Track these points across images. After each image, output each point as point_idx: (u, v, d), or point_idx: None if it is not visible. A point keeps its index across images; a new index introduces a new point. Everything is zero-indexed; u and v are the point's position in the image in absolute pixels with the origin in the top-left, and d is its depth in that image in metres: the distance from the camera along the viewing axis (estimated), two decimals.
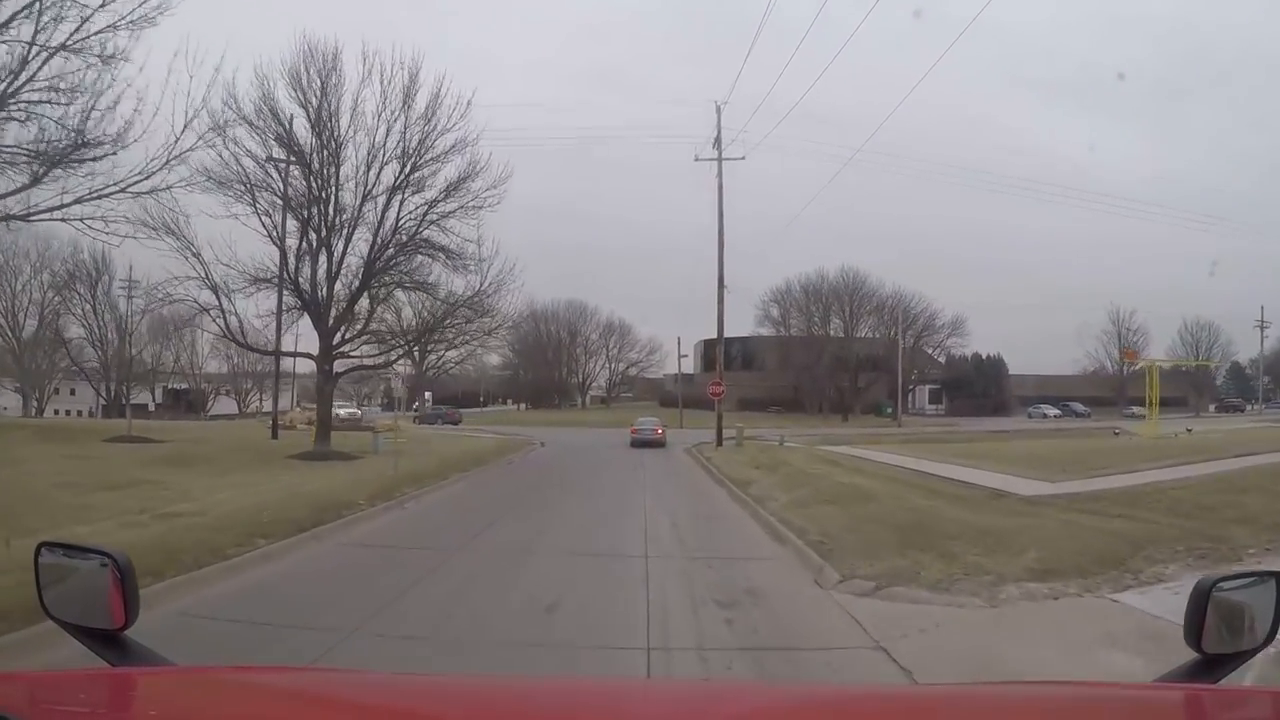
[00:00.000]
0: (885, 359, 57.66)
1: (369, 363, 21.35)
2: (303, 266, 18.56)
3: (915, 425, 47.03)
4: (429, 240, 18.95)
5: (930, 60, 71.32)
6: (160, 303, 19.75)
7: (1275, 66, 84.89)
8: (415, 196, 18.65)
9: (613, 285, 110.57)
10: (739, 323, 55.56)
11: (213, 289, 17.76)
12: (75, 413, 51.75)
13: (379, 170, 18.37)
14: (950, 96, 79.15)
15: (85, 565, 1.47)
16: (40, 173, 13.05)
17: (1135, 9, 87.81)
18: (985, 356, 64.42)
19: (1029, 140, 76.68)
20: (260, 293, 19.05)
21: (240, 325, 18.90)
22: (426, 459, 17.42)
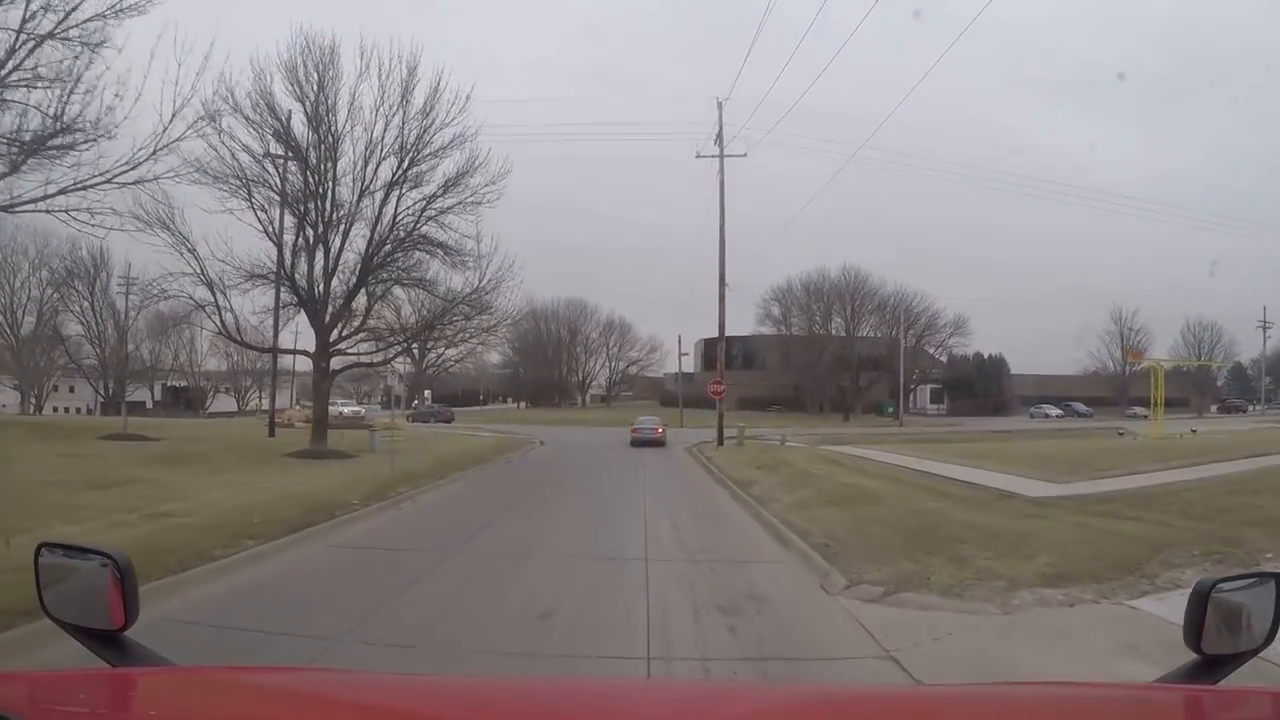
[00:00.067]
0: (887, 358, 57.49)
1: (366, 360, 21.09)
2: (299, 262, 18.34)
3: (917, 425, 46.82)
4: (427, 236, 18.71)
5: (931, 60, 71.53)
6: (155, 299, 19.52)
7: (1275, 66, 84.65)
8: (413, 192, 18.43)
9: (613, 284, 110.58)
10: (740, 322, 55.24)
11: (208, 285, 17.55)
12: (74, 410, 51.56)
13: (376, 166, 18.13)
14: (951, 96, 79.02)
15: (85, 565, 1.47)
16: (19, 160, 12.74)
17: (1135, 9, 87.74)
18: (987, 356, 64.28)
19: (1030, 140, 76.65)
20: (256, 289, 18.84)
21: (236, 322, 18.70)
22: (424, 458, 17.23)
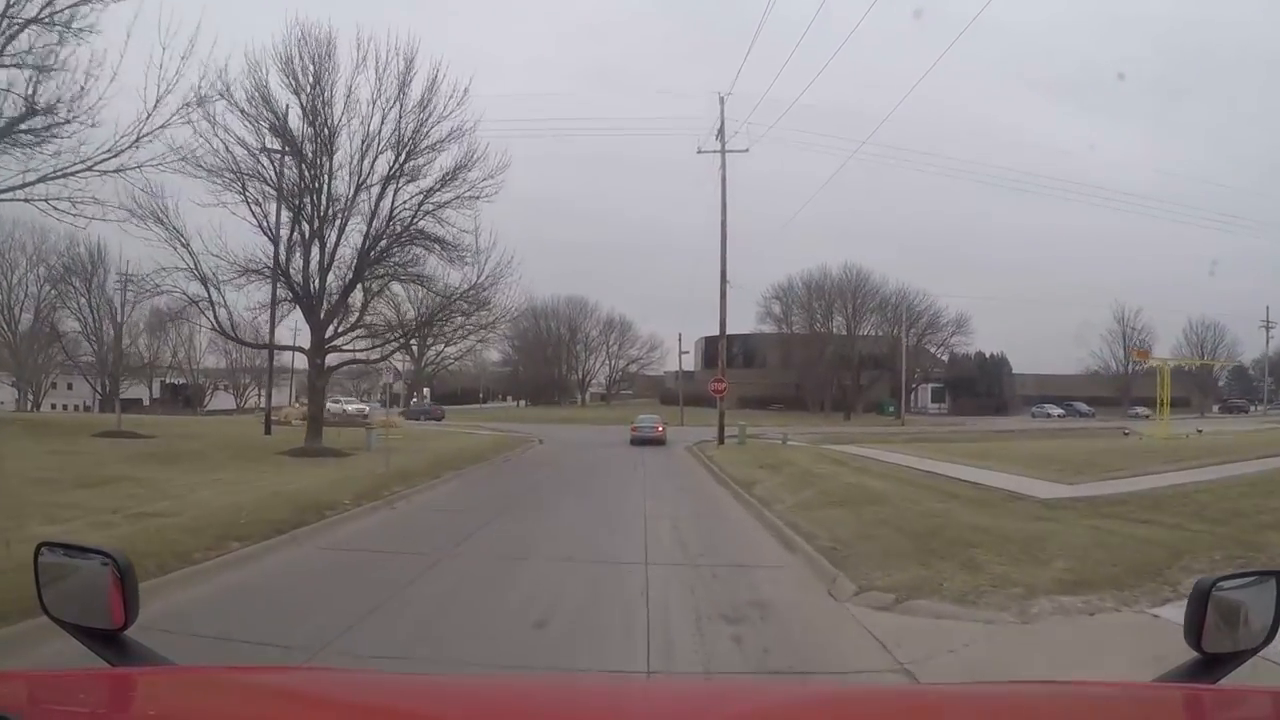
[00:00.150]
0: (888, 357, 57.23)
1: (363, 357, 20.80)
2: (294, 258, 18.04)
3: (918, 424, 46.54)
4: (424, 231, 18.39)
5: (932, 59, 71.13)
6: (148, 294, 19.21)
7: (1277, 64, 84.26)
8: (410, 186, 18.12)
9: (613, 282, 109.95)
10: (740, 321, 54.67)
11: (201, 280, 17.25)
12: (72, 407, 51.30)
13: (373, 159, 17.84)
14: (952, 95, 78.41)
15: (85, 565, 1.45)
16: None
17: (1136, 8, 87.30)
18: (989, 355, 63.99)
19: (1031, 138, 76.22)
20: (251, 284, 18.52)
21: (230, 318, 18.43)
22: (420, 456, 16.96)
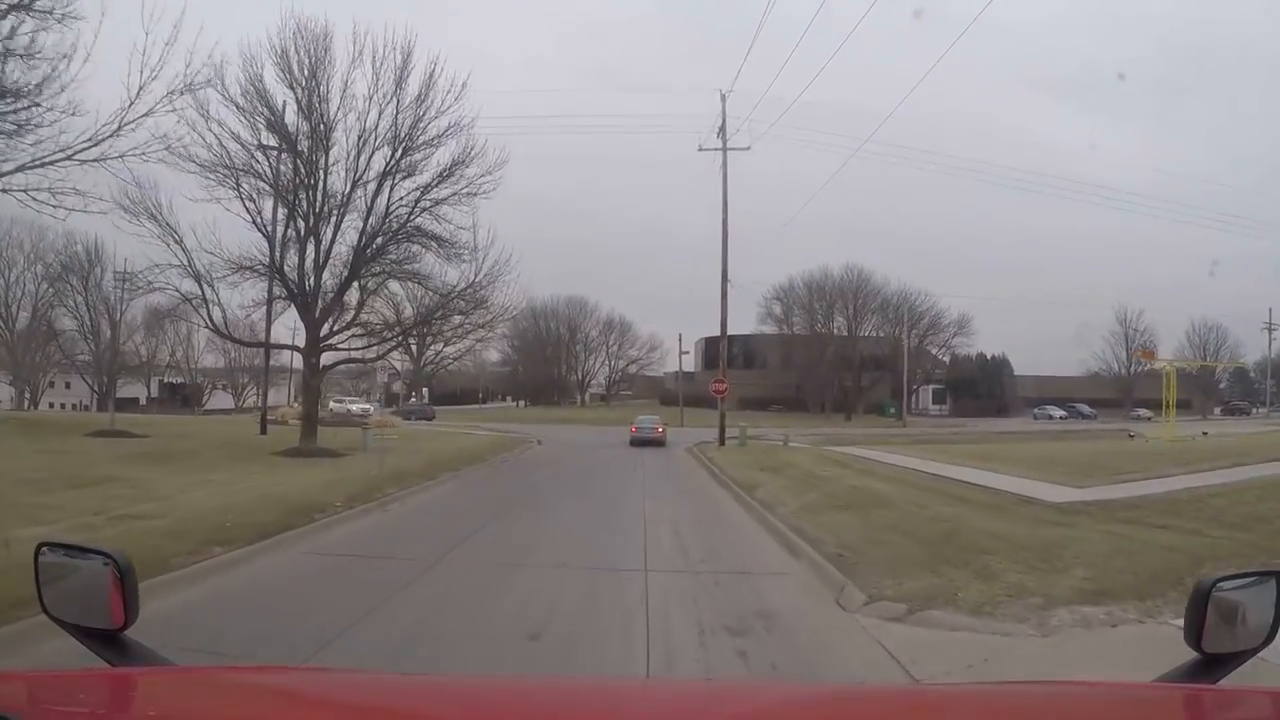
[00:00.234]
0: (889, 358, 56.97)
1: (358, 356, 20.52)
2: (289, 254, 17.77)
3: (920, 425, 46.25)
4: (421, 228, 18.10)
5: (933, 59, 70.90)
6: (141, 291, 18.91)
7: (1277, 64, 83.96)
8: (407, 181, 17.84)
9: (613, 282, 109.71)
10: (741, 321, 54.42)
11: (195, 277, 16.99)
12: (70, 406, 51.02)
13: (370, 155, 17.56)
14: (953, 95, 78.27)
15: (85, 565, 1.45)
16: None
17: (1137, 8, 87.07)
18: (990, 356, 63.71)
19: (1032, 139, 75.94)
20: (246, 282, 18.24)
21: (224, 316, 18.15)
22: (416, 457, 16.69)
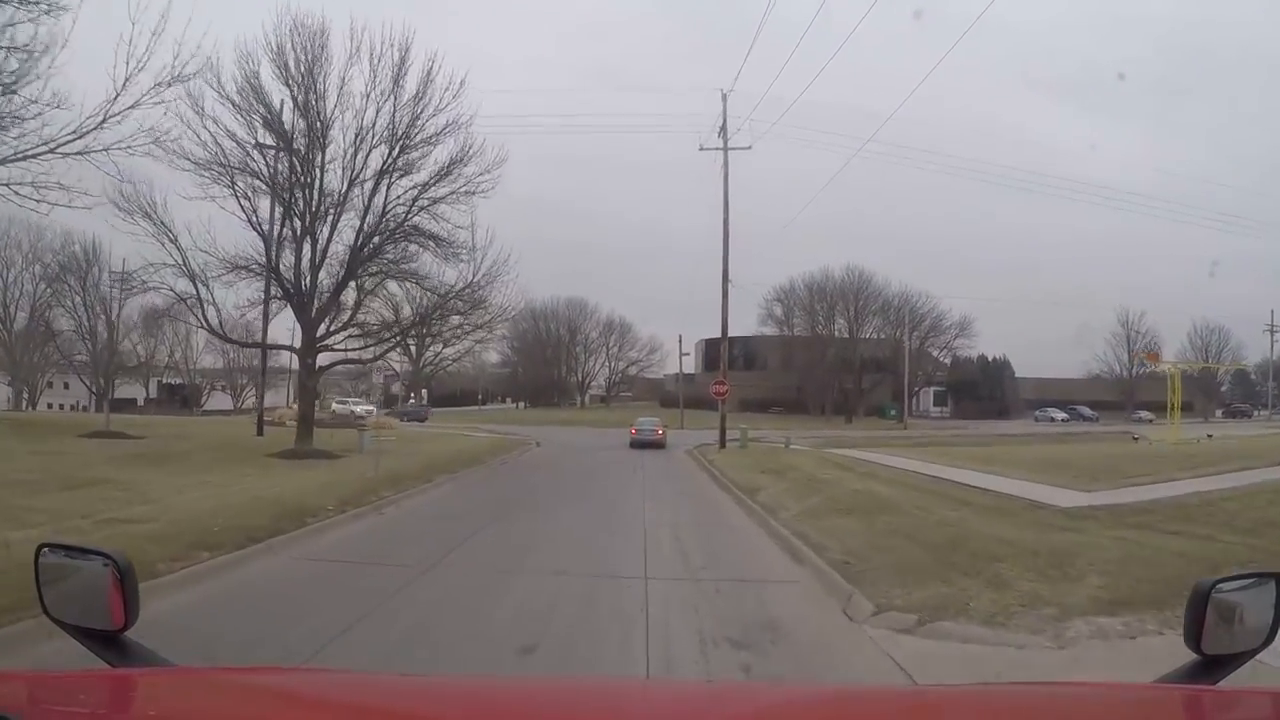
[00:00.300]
0: (889, 360, 56.77)
1: (355, 357, 20.31)
2: (285, 254, 17.56)
3: (921, 427, 46.01)
4: (418, 227, 17.88)
5: (934, 59, 70.74)
6: (134, 290, 18.70)
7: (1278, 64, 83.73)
8: (404, 180, 17.63)
9: (613, 283, 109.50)
10: (741, 323, 54.09)
11: (190, 277, 16.78)
12: (68, 406, 50.80)
13: (367, 153, 17.34)
14: (954, 96, 78.01)
15: (85, 566, 1.45)
16: None
17: (1137, 8, 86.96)
18: (991, 358, 63.50)
19: (1033, 140, 75.49)
20: (242, 281, 18.03)
21: (219, 316, 17.94)
22: (412, 459, 16.47)
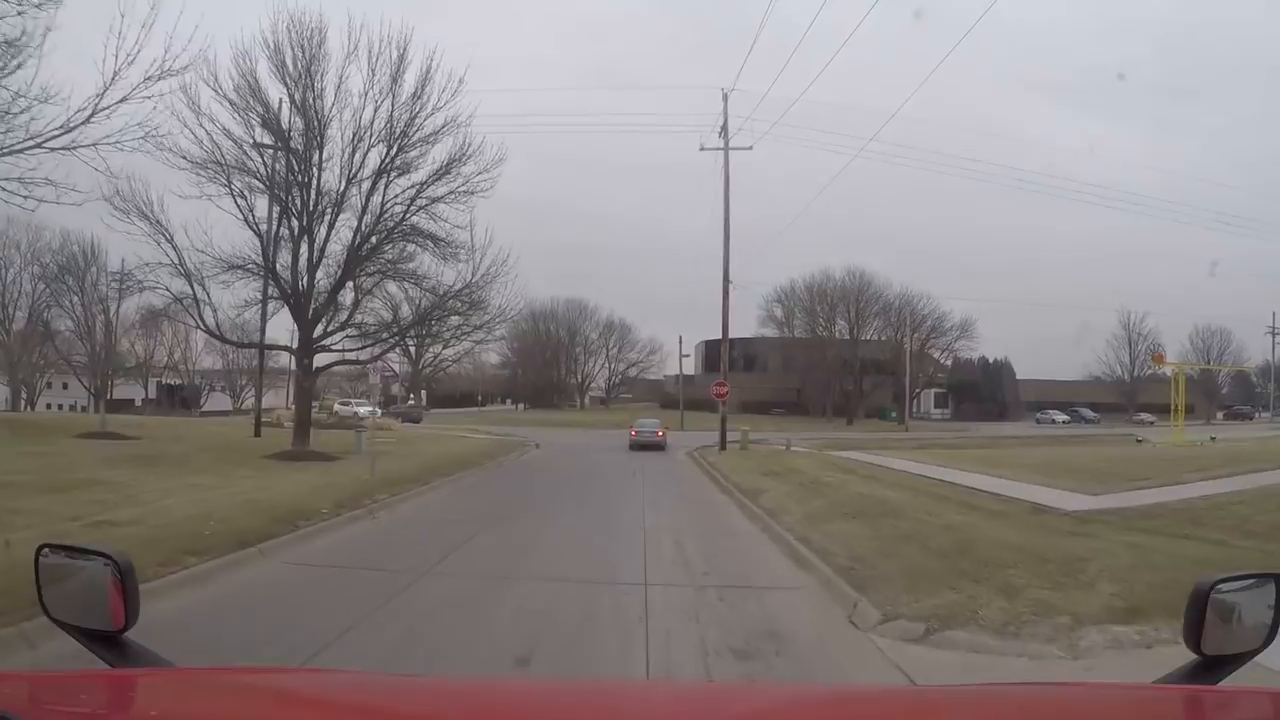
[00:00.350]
0: (890, 362, 56.55)
1: (352, 357, 20.10)
2: (281, 253, 17.36)
3: (922, 429, 45.79)
4: (417, 227, 17.68)
5: (935, 60, 70.40)
6: (131, 290, 18.52)
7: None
8: (402, 180, 17.42)
9: (613, 285, 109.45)
10: (741, 325, 53.72)
11: (186, 277, 16.58)
12: (67, 407, 50.62)
13: (365, 153, 17.13)
14: (956, 98, 77.60)
15: (86, 566, 1.45)
16: None
17: (1138, 10, 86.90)
18: (991, 360, 63.35)
19: (1034, 140, 75.47)
20: (239, 281, 17.82)
21: (215, 316, 17.75)
22: (409, 461, 16.29)
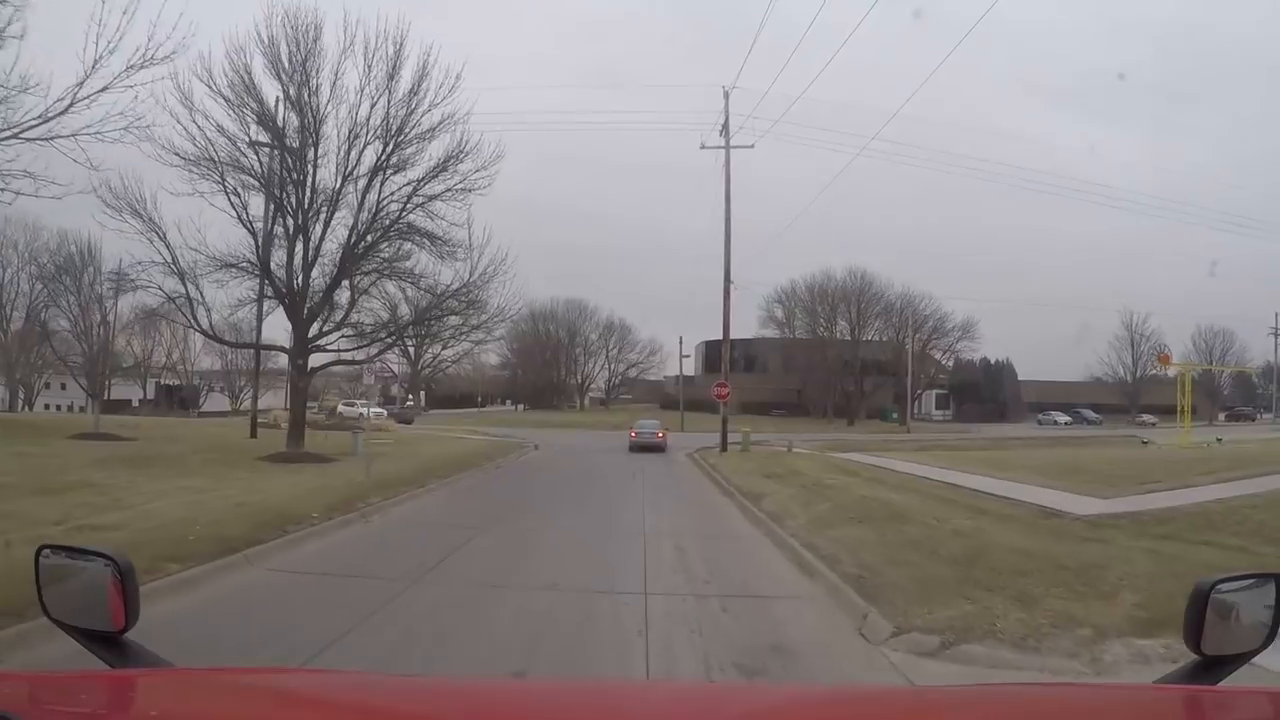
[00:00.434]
0: (891, 363, 56.30)
1: (348, 357, 19.86)
2: (276, 252, 17.11)
3: (924, 431, 45.52)
4: (413, 225, 17.46)
5: (936, 60, 70.19)
6: (124, 289, 18.31)
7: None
8: (398, 177, 17.18)
9: (612, 285, 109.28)
10: (741, 326, 53.32)
11: (179, 276, 16.36)
12: (65, 408, 50.34)
13: (361, 150, 16.90)
14: (957, 98, 77.51)
15: (86, 567, 1.45)
16: None
17: (1139, 11, 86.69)
18: (993, 361, 63.09)
19: (1035, 140, 75.24)
20: (233, 281, 17.59)
21: (209, 316, 17.52)
22: (406, 463, 16.05)
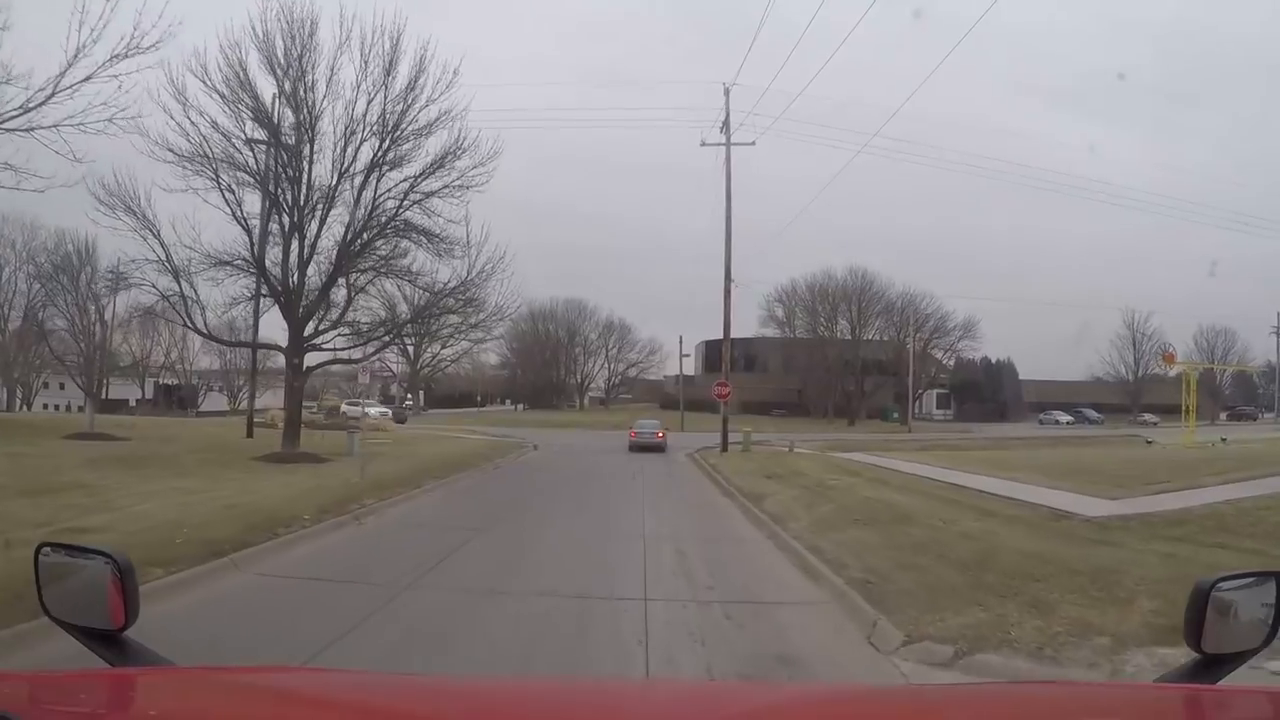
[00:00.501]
0: (892, 363, 56.08)
1: (344, 356, 19.65)
2: (270, 249, 16.91)
3: (925, 430, 45.27)
4: (410, 222, 17.24)
5: (936, 60, 69.91)
6: (118, 287, 18.10)
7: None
8: (395, 173, 16.95)
9: (612, 285, 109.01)
10: (741, 326, 52.87)
11: (174, 274, 16.13)
12: (64, 407, 50.12)
13: (357, 146, 16.67)
14: (957, 99, 77.14)
15: (86, 565, 1.45)
16: None
17: (1140, 12, 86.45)
18: (994, 360, 62.84)
19: (1036, 140, 74.96)
20: (228, 279, 17.36)
21: (204, 315, 17.30)
22: (402, 463, 15.83)
